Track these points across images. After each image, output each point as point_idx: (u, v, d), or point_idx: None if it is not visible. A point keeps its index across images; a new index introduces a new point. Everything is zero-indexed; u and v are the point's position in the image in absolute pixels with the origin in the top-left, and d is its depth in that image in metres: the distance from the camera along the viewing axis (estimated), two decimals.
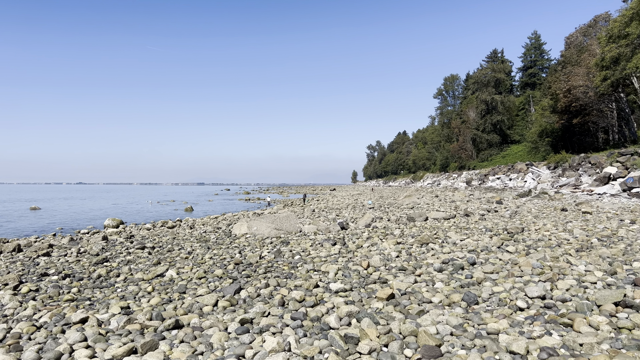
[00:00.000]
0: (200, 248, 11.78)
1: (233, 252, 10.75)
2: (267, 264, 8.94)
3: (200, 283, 7.71)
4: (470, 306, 5.60)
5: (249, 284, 7.37)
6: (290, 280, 7.50)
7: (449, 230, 12.57)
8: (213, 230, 16.02)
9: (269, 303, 6.16)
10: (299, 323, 5.17)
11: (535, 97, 76.56)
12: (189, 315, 5.71)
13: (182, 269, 8.97)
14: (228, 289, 6.82)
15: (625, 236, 9.83)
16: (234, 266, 8.92)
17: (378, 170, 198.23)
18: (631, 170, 27.42)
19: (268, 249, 11.07)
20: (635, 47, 34.65)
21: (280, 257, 9.78)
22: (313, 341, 4.58)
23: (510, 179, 50.52)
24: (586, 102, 45.22)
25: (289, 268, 8.55)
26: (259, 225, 13.82)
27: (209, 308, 6.07)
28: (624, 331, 4.43)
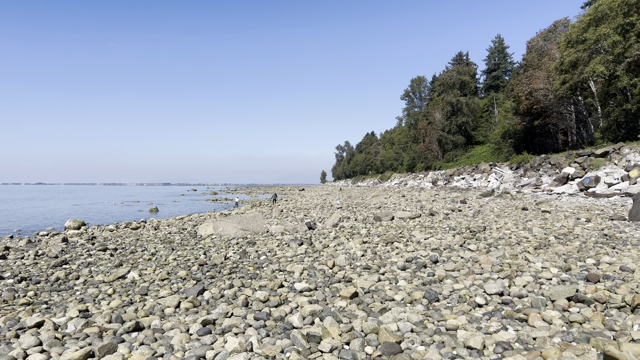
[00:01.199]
0: (164, 249, 11.59)
1: (198, 253, 10.62)
2: (232, 265, 8.88)
3: (163, 284, 7.59)
4: (432, 303, 5.72)
5: (213, 285, 7.31)
6: (255, 280, 7.46)
7: (414, 229, 12.77)
8: (178, 231, 15.78)
9: (232, 304, 6.12)
10: (262, 323, 5.16)
11: (499, 100, 78.60)
12: (150, 317, 5.61)
13: (144, 270, 8.81)
14: (191, 290, 6.74)
15: (580, 234, 10.21)
16: (198, 267, 8.82)
17: (347, 171, 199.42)
18: (588, 171, 28.49)
19: (234, 249, 10.99)
20: (592, 52, 36.02)
21: (245, 257, 9.73)
22: (275, 341, 4.57)
23: (475, 179, 51.68)
24: (547, 104, 46.74)
25: (255, 269, 8.51)
26: (225, 225, 13.70)
27: (171, 310, 5.99)
28: (575, 325, 4.61)
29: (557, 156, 37.93)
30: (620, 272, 6.38)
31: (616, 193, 20.52)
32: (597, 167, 28.62)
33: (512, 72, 79.27)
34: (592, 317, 4.71)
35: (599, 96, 39.89)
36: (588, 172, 28.01)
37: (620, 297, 5.13)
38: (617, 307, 4.99)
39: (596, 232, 10.39)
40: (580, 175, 28.47)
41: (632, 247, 8.24)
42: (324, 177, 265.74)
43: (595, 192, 22.20)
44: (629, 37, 33.71)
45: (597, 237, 9.65)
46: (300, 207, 28.56)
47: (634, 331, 4.28)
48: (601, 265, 6.81)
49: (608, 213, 14.26)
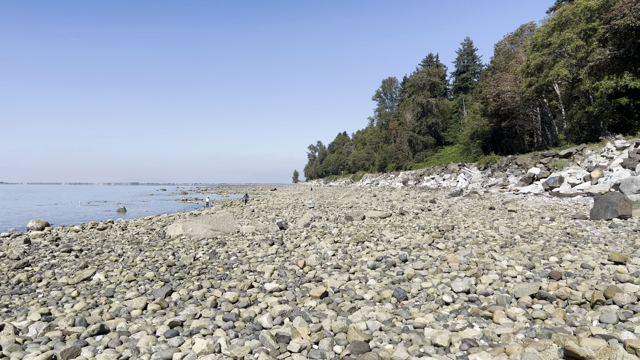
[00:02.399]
0: (131, 250, 11.35)
1: (166, 254, 10.44)
2: (201, 266, 8.77)
3: (129, 286, 7.43)
4: (400, 302, 5.78)
5: (182, 286, 7.20)
6: (224, 281, 7.39)
7: (384, 229, 12.88)
8: (146, 232, 15.48)
9: (201, 305, 6.04)
10: (231, 324, 5.11)
11: (468, 101, 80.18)
12: (115, 320, 5.49)
13: (111, 272, 8.61)
14: (159, 292, 6.63)
15: (544, 233, 10.50)
16: (166, 268, 8.67)
17: (319, 170, 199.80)
18: (552, 171, 29.33)
19: (203, 250, 10.86)
20: (557, 56, 37.12)
21: (215, 258, 9.62)
22: (244, 341, 4.54)
23: (444, 179, 52.53)
24: (513, 106, 47.92)
25: (224, 269, 8.43)
26: (194, 226, 13.52)
27: (137, 312, 5.87)
28: (538, 321, 4.74)
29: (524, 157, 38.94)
30: (581, 269, 6.60)
31: (579, 193, 21.20)
32: (561, 167, 29.51)
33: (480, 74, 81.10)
34: (554, 313, 4.85)
35: (563, 99, 41.16)
36: (552, 173, 28.85)
37: (581, 294, 5.31)
38: (577, 304, 5.15)
39: (559, 230, 10.71)
40: (545, 175, 29.30)
41: (593, 245, 8.53)
42: (296, 176, 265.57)
43: (559, 192, 22.88)
44: (591, 42, 34.90)
45: (560, 235, 9.95)
46: (272, 207, 28.44)
47: (593, 326, 4.43)
48: (563, 263, 7.03)
49: (571, 212, 14.72)
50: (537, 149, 45.43)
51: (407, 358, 3.94)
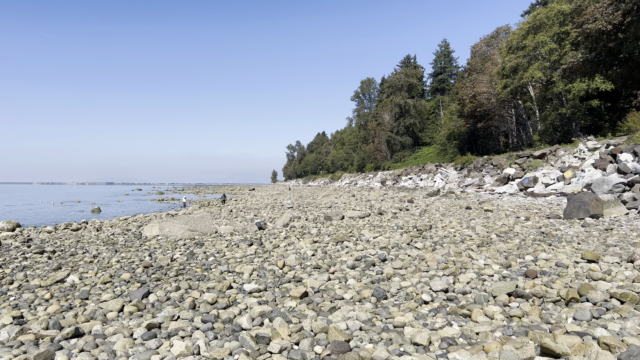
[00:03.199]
0: (107, 251, 11.13)
1: (143, 254, 10.27)
2: (178, 267, 8.65)
3: (105, 288, 7.28)
4: (380, 301, 5.81)
5: (159, 287, 7.08)
6: (202, 282, 7.31)
7: (363, 228, 12.93)
8: (122, 233, 15.20)
9: (179, 306, 5.95)
10: (210, 325, 5.06)
11: (445, 102, 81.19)
12: (91, 323, 5.37)
13: (85, 273, 8.43)
14: (135, 294, 6.51)
15: (520, 232, 10.69)
16: (143, 269, 8.52)
17: (298, 170, 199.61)
18: (527, 172, 29.91)
19: (180, 250, 10.71)
20: (531, 59, 37.86)
21: (193, 259, 9.51)
22: (223, 343, 4.50)
23: (421, 179, 53.07)
24: (489, 107, 48.73)
25: (202, 270, 8.33)
26: (171, 226, 13.34)
27: (113, 314, 5.75)
28: (515, 319, 4.82)
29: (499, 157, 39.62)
30: (556, 267, 6.74)
31: (552, 193, 21.66)
32: (535, 168, 30.11)
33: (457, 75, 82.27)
34: (531, 311, 4.94)
35: (537, 100, 42.02)
36: (527, 173, 29.42)
37: (556, 292, 5.42)
38: (553, 301, 5.26)
39: (534, 230, 10.92)
40: (520, 175, 29.86)
41: (567, 243, 8.72)
42: (274, 176, 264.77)
43: (534, 192, 23.34)
44: (564, 45, 35.71)
45: (535, 234, 10.14)
46: (250, 207, 28.28)
47: (568, 324, 4.53)
48: (539, 262, 7.17)
49: (545, 212, 15.03)
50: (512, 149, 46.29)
51: (388, 357, 3.95)
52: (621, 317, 4.56)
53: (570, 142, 32.75)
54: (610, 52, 30.30)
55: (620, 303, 4.92)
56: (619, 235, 9.28)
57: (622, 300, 4.93)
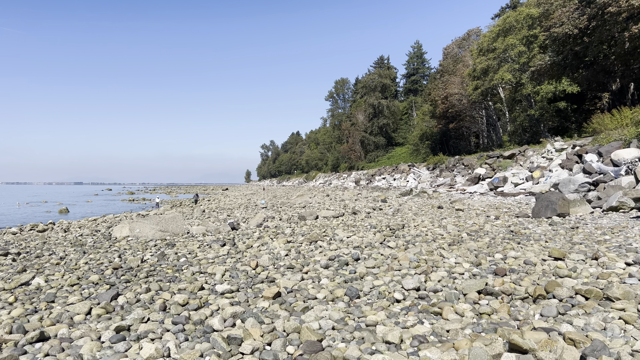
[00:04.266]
0: (74, 253, 10.84)
1: (112, 256, 10.05)
2: (149, 268, 8.49)
3: (72, 290, 7.08)
4: (353, 300, 5.83)
5: (128, 289, 6.94)
6: (174, 283, 7.19)
7: (337, 228, 12.97)
8: (91, 234, 14.85)
9: (149, 308, 5.84)
10: (181, 327, 4.98)
11: (417, 103, 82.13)
12: (57, 326, 5.21)
13: (52, 275, 8.19)
14: (104, 296, 6.36)
15: (490, 231, 10.90)
16: (112, 271, 8.34)
17: (272, 170, 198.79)
18: (497, 172, 30.52)
19: (151, 251, 10.53)
20: (501, 61, 38.64)
21: (164, 260, 9.35)
22: (194, 345, 4.43)
23: (395, 179, 53.55)
24: (461, 108, 49.55)
25: (174, 271, 8.20)
26: (142, 227, 13.09)
27: (81, 317, 5.60)
28: (484, 316, 4.91)
29: (470, 157, 40.31)
30: (524, 265, 6.89)
31: (521, 192, 22.16)
32: (505, 168, 30.76)
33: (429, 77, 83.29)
34: (499, 308, 5.04)
35: (507, 102, 42.92)
36: (497, 173, 30.02)
37: (524, 289, 5.54)
38: (521, 298, 5.37)
39: (504, 228, 11.15)
40: (490, 175, 30.45)
41: (535, 242, 8.92)
42: (248, 176, 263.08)
43: (504, 192, 23.83)
44: (532, 48, 36.58)
45: (504, 233, 10.35)
46: (223, 207, 28.02)
47: (535, 320, 4.63)
48: (508, 260, 7.31)
49: (514, 211, 15.36)
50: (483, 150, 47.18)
51: (360, 356, 3.96)
52: (586, 313, 4.69)
53: (538, 143, 33.56)
54: (576, 55, 31.20)
55: (585, 299, 5.06)
56: (584, 233, 9.55)
57: (586, 296, 5.07)
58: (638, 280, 5.50)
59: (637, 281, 5.45)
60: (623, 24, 24.98)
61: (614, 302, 4.83)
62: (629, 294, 4.90)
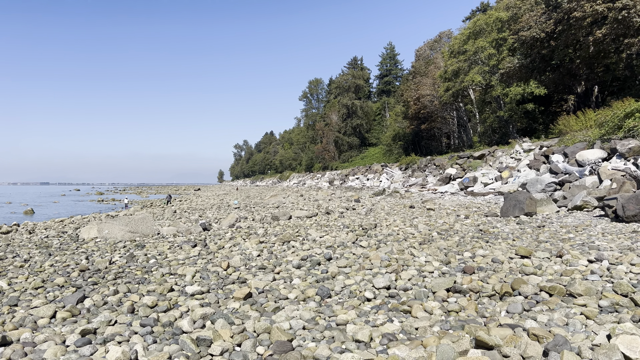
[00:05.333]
0: (39, 255, 10.53)
1: (79, 258, 9.80)
2: (117, 270, 8.32)
3: (36, 293, 6.88)
4: (324, 300, 5.84)
5: (95, 291, 6.78)
6: (142, 285, 7.07)
7: (310, 228, 12.98)
8: (57, 235, 14.44)
9: (116, 311, 5.73)
10: (149, 329, 4.90)
11: (390, 104, 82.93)
12: (19, 330, 5.05)
13: (15, 278, 7.93)
14: (70, 299, 6.20)
15: (459, 230, 11.09)
16: (79, 273, 8.14)
17: (245, 170, 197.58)
18: (467, 172, 31.07)
19: (120, 253, 10.32)
20: (472, 63, 39.39)
21: (133, 261, 9.18)
22: (163, 347, 4.37)
23: (368, 179, 53.92)
24: (432, 109, 50.27)
25: (143, 273, 8.06)
26: (111, 228, 12.82)
27: (45, 320, 5.45)
28: (453, 314, 4.99)
29: (441, 158, 40.93)
30: (492, 263, 7.04)
31: (491, 192, 22.63)
32: (475, 168, 31.35)
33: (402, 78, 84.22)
34: (467, 305, 5.13)
35: (477, 103, 43.78)
36: (467, 173, 30.57)
37: (491, 287, 5.66)
38: (488, 296, 5.49)
39: (473, 227, 11.36)
40: (461, 175, 30.99)
41: (502, 240, 9.13)
42: (221, 176, 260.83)
43: (473, 191, 24.29)
44: (502, 51, 37.42)
45: (473, 232, 10.55)
46: (195, 208, 27.69)
47: (501, 317, 4.74)
48: (476, 258, 7.45)
49: (484, 210, 15.67)
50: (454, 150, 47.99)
51: (329, 355, 3.98)
52: (549, 309, 4.82)
53: (507, 144, 34.34)
54: (544, 58, 32.04)
55: (549, 296, 5.20)
56: (550, 231, 9.82)
57: (550, 293, 5.22)
58: (599, 277, 5.69)
59: (599, 278, 5.64)
60: (588, 29, 25.78)
61: (576, 298, 4.98)
62: (591, 290, 5.06)
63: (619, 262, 6.28)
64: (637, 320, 4.21)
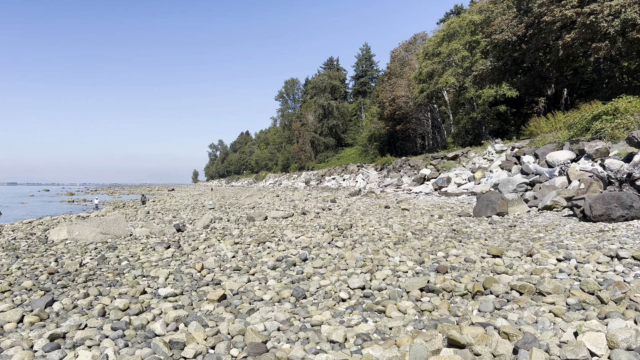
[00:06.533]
0: (6, 257, 10.21)
1: (48, 260, 9.55)
2: (88, 272, 8.14)
3: (3, 297, 6.67)
4: (299, 300, 5.84)
5: (65, 294, 6.62)
6: (114, 288, 6.93)
7: (286, 229, 12.95)
8: (25, 237, 14.04)
9: (87, 314, 5.61)
10: (121, 333, 4.81)
11: (366, 105, 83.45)
12: None
13: None
14: (38, 302, 6.03)
15: (433, 229, 11.23)
16: (47, 276, 7.92)
17: (221, 170, 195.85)
18: (441, 172, 31.50)
19: (91, 255, 10.09)
20: (446, 65, 39.94)
21: (104, 263, 8.99)
22: (135, 350, 4.29)
23: (344, 179, 54.10)
24: (407, 110, 50.77)
25: (114, 275, 7.91)
26: (81, 229, 12.53)
27: (11, 325, 5.29)
28: (426, 313, 5.06)
29: (416, 158, 41.39)
30: (465, 262, 7.15)
31: (464, 192, 22.99)
32: (449, 168, 31.80)
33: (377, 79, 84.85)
34: (440, 305, 5.21)
35: (451, 105, 44.41)
36: (441, 173, 30.99)
37: (464, 286, 5.75)
38: (460, 295, 5.57)
39: (447, 227, 11.52)
40: (435, 176, 31.39)
41: (475, 240, 9.28)
42: (196, 176, 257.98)
43: (447, 192, 24.63)
44: (475, 53, 38.06)
45: (447, 232, 10.70)
46: (169, 209, 27.31)
47: (473, 315, 4.82)
48: (449, 258, 7.56)
49: (457, 210, 15.91)
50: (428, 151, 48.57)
51: (304, 356, 3.98)
52: (520, 308, 4.93)
53: (480, 145, 34.93)
54: (515, 61, 32.70)
55: (519, 294, 5.32)
56: (521, 231, 10.03)
57: (520, 291, 5.33)
58: (567, 275, 5.85)
59: (567, 276, 5.79)
60: (557, 33, 26.42)
61: (545, 296, 5.11)
62: (559, 288, 5.19)
63: (586, 260, 6.46)
64: (602, 317, 4.34)
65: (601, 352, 3.42)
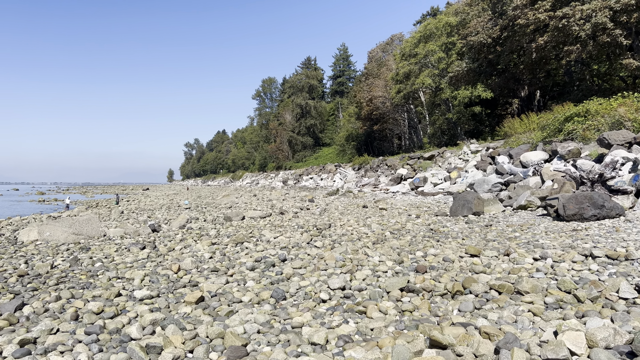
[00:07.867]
0: None
1: (17, 262, 9.23)
2: (60, 274, 7.89)
3: None
4: (279, 302, 5.77)
5: (35, 298, 6.40)
6: (87, 290, 6.73)
7: (264, 229, 12.84)
8: None
9: (59, 318, 5.42)
10: (95, 337, 4.66)
11: (344, 104, 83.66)
12: None
13: None
14: (7, 306, 5.81)
15: (411, 229, 11.29)
16: (17, 278, 7.65)
17: (197, 169, 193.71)
18: (418, 172, 31.77)
19: (63, 256, 9.81)
20: (422, 66, 40.31)
21: (77, 265, 8.74)
22: (109, 356, 4.16)
23: (322, 179, 54.11)
24: (384, 111, 51.08)
25: (88, 277, 7.69)
26: (53, 230, 12.18)
27: None
28: (407, 313, 5.05)
29: (393, 158, 41.66)
30: (443, 262, 7.19)
31: (440, 192, 23.22)
32: (425, 168, 32.10)
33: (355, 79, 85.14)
34: (421, 305, 5.21)
35: (427, 105, 44.85)
36: (418, 173, 31.25)
37: (443, 286, 5.78)
38: (440, 295, 5.59)
39: (424, 227, 11.59)
40: (412, 176, 31.64)
41: (452, 239, 9.36)
42: (171, 175, 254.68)
43: (424, 191, 24.85)
44: (451, 55, 38.51)
45: (425, 231, 10.76)
46: (143, 208, 26.84)
47: (454, 315, 4.84)
48: (428, 257, 7.60)
49: (434, 210, 16.05)
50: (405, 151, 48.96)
51: (285, 359, 3.92)
52: (499, 307, 4.97)
53: (456, 145, 35.37)
54: (490, 63, 33.25)
55: (498, 294, 5.37)
56: (497, 230, 10.16)
57: (499, 291, 5.38)
58: (544, 274, 5.93)
59: (544, 275, 5.87)
60: (531, 36, 26.94)
61: (524, 295, 5.16)
62: (537, 287, 5.25)
63: (562, 259, 6.57)
64: (580, 316, 4.40)
65: (581, 351, 3.46)
